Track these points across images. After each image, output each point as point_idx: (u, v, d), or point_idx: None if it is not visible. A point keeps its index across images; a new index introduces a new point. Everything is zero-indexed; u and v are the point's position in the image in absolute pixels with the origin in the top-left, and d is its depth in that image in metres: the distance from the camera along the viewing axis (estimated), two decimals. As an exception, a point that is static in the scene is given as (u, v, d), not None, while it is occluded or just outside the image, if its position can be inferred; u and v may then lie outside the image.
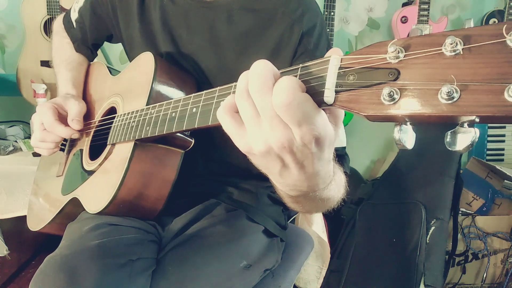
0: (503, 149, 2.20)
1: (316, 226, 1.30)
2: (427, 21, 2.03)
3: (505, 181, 1.83)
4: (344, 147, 0.75)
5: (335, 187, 0.53)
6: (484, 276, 1.71)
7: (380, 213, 1.66)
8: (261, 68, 0.38)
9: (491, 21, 2.16)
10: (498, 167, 1.81)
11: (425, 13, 2.02)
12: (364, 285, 1.52)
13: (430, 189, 1.58)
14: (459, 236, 1.67)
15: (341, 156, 0.71)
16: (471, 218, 1.74)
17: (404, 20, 2.06)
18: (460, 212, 1.68)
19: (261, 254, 0.81)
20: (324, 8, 1.98)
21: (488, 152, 2.18)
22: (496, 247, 1.73)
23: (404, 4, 2.15)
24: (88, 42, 1.02)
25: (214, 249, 0.76)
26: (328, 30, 1.99)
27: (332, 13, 1.97)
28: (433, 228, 1.49)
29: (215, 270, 0.73)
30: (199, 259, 0.73)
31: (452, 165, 1.60)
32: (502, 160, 2.19)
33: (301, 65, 0.40)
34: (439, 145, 1.43)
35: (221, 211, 0.84)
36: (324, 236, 1.32)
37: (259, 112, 0.38)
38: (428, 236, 1.48)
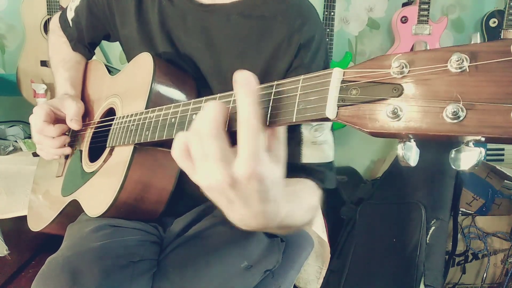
0: (503, 149, 2.20)
1: (316, 226, 1.30)
2: (427, 21, 2.03)
3: (505, 181, 1.84)
4: (330, 162, 0.73)
5: (297, 217, 0.55)
6: (484, 276, 1.71)
7: (380, 213, 1.66)
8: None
9: (491, 21, 2.16)
10: (498, 167, 1.81)
11: (425, 13, 2.02)
12: (364, 285, 1.52)
13: (430, 189, 1.58)
14: (459, 236, 1.67)
15: (319, 172, 0.71)
16: (471, 218, 1.74)
17: (404, 20, 2.06)
18: (460, 212, 1.68)
19: (261, 255, 0.81)
20: (324, 8, 1.98)
21: (488, 152, 2.18)
22: (496, 247, 1.73)
23: (404, 4, 2.14)
24: (85, 41, 1.02)
25: (215, 250, 0.75)
26: (328, 30, 1.98)
27: (332, 13, 1.97)
28: (433, 228, 1.49)
29: (216, 271, 0.73)
30: (200, 260, 0.73)
31: (452, 165, 1.60)
32: (502, 160, 2.19)
33: (302, 77, 0.39)
34: (439, 145, 1.43)
35: (222, 212, 0.84)
36: (324, 236, 1.32)
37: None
38: (428, 236, 1.48)
